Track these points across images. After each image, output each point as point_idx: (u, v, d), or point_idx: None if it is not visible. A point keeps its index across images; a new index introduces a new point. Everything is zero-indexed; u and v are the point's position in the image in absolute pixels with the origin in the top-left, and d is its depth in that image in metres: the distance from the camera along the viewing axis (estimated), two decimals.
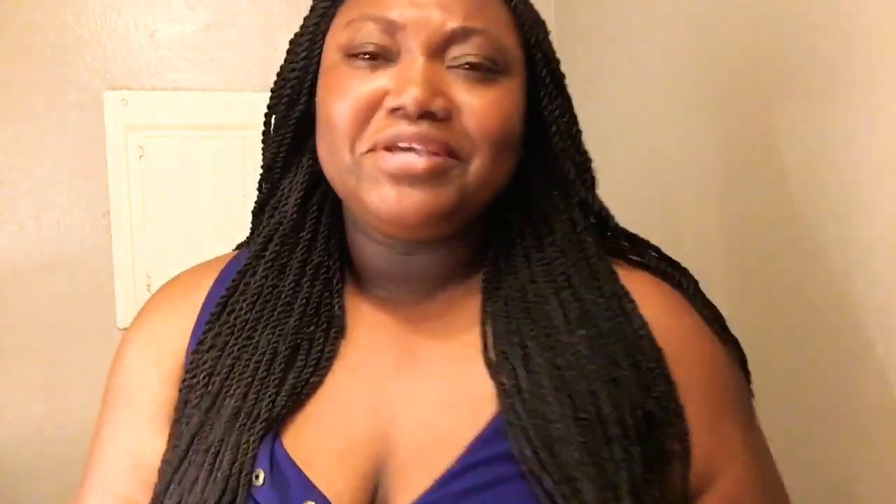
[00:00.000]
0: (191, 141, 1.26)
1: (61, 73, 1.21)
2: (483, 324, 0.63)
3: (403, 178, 0.57)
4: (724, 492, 0.61)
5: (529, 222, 0.65)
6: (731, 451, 0.62)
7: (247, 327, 0.63)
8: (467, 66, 0.59)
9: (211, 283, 0.69)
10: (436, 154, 0.57)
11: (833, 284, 0.78)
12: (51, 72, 1.20)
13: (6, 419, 1.20)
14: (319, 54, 0.64)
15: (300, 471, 0.57)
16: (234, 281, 0.66)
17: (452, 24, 0.59)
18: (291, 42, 0.68)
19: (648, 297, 0.63)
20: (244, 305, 0.64)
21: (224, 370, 0.61)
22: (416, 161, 0.57)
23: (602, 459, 0.55)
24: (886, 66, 0.71)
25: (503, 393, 0.58)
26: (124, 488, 0.64)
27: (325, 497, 0.56)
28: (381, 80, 0.59)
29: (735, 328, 0.73)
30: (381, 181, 0.58)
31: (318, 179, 0.66)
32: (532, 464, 0.55)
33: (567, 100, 0.69)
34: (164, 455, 0.62)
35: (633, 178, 1.15)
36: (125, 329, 1.22)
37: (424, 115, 0.57)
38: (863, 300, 0.75)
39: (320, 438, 0.59)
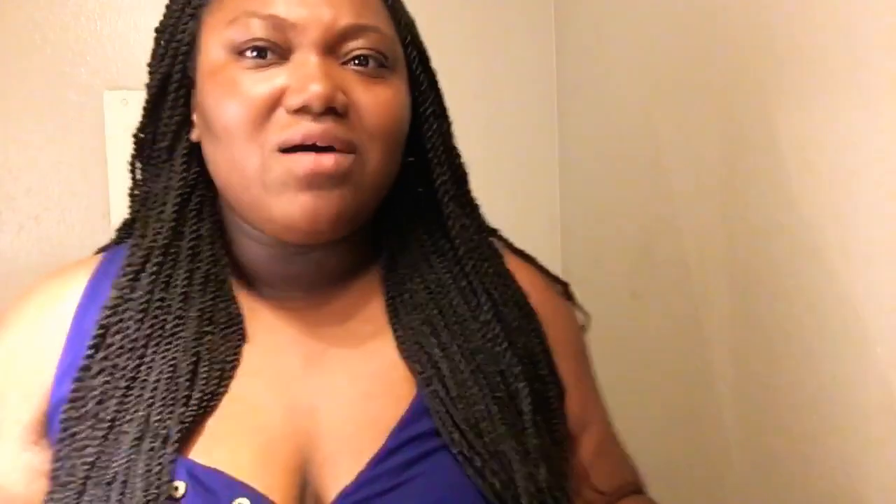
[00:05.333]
0: None
1: (61, 73, 1.20)
2: (391, 316, 0.66)
3: (315, 182, 0.57)
4: (596, 435, 0.72)
5: (419, 219, 0.70)
6: (595, 400, 0.74)
7: (138, 346, 0.59)
8: (358, 61, 0.61)
9: (80, 292, 0.64)
10: (340, 151, 0.58)
11: (833, 284, 0.78)
12: (51, 72, 1.20)
13: None
14: (185, 62, 0.63)
15: (223, 473, 0.55)
16: (115, 300, 0.61)
17: (344, 21, 0.60)
18: (156, 40, 0.67)
19: (520, 274, 0.71)
20: (131, 324, 0.60)
21: (118, 394, 0.58)
22: (325, 160, 0.57)
23: (519, 432, 0.61)
24: (886, 65, 0.71)
25: (423, 381, 0.62)
26: None
27: (255, 490, 0.55)
28: (277, 78, 0.58)
29: (734, 327, 0.73)
30: (293, 188, 0.57)
31: (192, 185, 0.64)
32: (461, 446, 0.59)
33: (440, 98, 0.71)
34: (50, 495, 0.57)
35: (634, 178, 1.15)
36: None
37: (328, 110, 0.58)
38: (863, 300, 0.75)
39: (237, 441, 0.58)
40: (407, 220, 0.70)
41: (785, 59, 0.83)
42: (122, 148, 1.23)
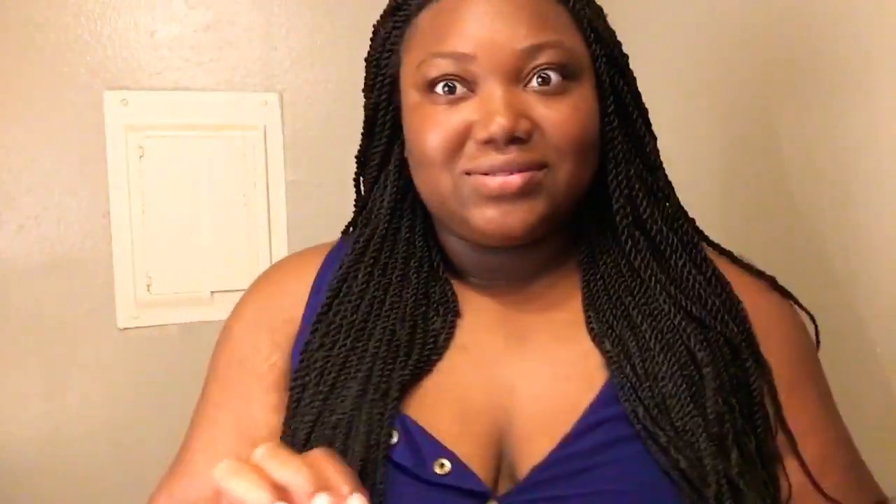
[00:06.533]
0: (191, 141, 1.26)
1: (61, 73, 1.20)
2: (584, 301, 0.68)
3: (503, 198, 0.62)
4: (808, 454, 0.65)
5: (617, 208, 0.68)
6: (814, 415, 0.67)
7: (356, 325, 0.67)
8: (541, 80, 0.63)
9: (319, 264, 0.74)
10: (527, 170, 0.62)
11: (834, 284, 0.78)
12: (51, 72, 1.20)
13: (6, 419, 1.20)
14: (391, 92, 0.69)
15: (430, 434, 0.62)
16: (336, 283, 0.70)
17: (521, 44, 0.62)
18: (366, 69, 0.72)
19: (728, 271, 0.69)
20: (349, 307, 0.68)
21: (336, 365, 0.66)
22: (512, 179, 0.61)
23: (708, 412, 0.60)
24: (887, 66, 0.71)
25: (610, 360, 0.63)
26: (231, 444, 0.68)
27: (455, 455, 0.60)
28: (465, 112, 0.63)
29: None
30: (483, 204, 0.63)
31: (405, 190, 0.71)
32: (646, 421, 0.60)
33: (626, 94, 0.70)
34: (284, 438, 0.66)
35: None
36: (126, 329, 1.23)
37: (512, 140, 0.61)
38: (863, 300, 0.75)
39: (442, 409, 0.64)
40: (607, 211, 0.70)
41: (785, 60, 0.83)
42: (121, 148, 1.23)
